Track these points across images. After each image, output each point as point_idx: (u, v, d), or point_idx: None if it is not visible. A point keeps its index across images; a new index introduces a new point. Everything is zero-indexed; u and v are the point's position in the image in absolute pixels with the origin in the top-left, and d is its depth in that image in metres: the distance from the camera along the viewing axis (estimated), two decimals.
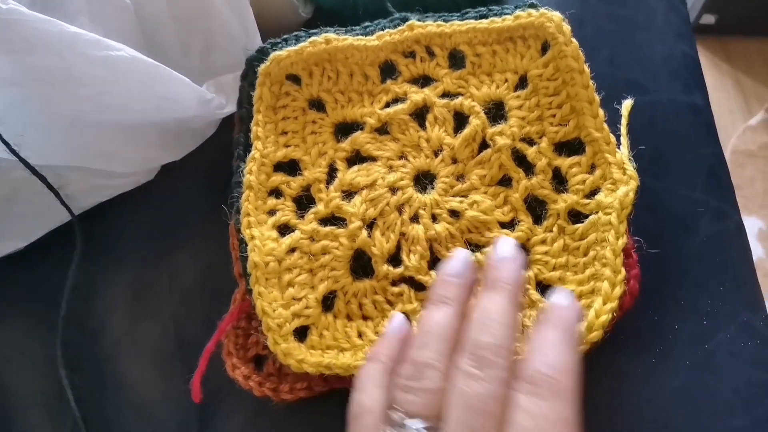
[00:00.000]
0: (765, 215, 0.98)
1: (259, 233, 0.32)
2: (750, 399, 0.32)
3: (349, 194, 0.34)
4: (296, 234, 0.33)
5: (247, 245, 0.32)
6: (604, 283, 0.29)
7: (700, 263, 0.36)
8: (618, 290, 0.28)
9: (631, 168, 0.31)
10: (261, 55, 0.36)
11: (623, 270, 0.29)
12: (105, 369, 0.36)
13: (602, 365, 0.33)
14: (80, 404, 0.35)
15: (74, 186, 0.36)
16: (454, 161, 0.34)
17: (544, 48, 0.35)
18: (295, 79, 0.37)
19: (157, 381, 0.36)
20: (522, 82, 0.35)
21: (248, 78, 0.37)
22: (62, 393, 0.35)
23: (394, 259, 0.32)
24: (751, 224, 0.94)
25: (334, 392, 0.32)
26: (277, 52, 0.36)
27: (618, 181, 0.31)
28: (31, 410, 0.36)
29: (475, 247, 0.32)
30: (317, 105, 0.37)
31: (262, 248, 0.31)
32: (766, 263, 0.95)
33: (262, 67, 0.35)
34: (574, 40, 0.34)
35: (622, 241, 0.29)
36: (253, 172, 0.33)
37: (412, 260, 0.32)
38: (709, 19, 1.23)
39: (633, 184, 0.31)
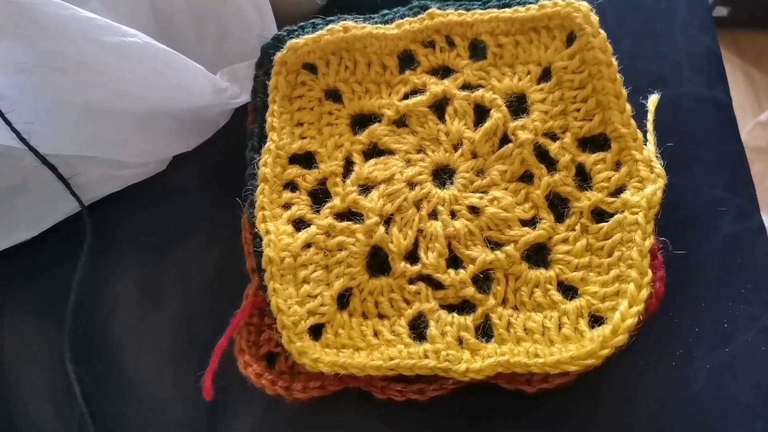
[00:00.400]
0: None
1: (274, 228, 0.31)
2: None
3: (366, 188, 0.33)
4: (312, 229, 0.32)
5: (261, 240, 0.31)
6: (630, 285, 0.28)
7: (722, 264, 0.35)
8: (645, 293, 0.28)
9: (659, 166, 0.30)
10: (277, 43, 0.35)
11: (650, 272, 0.28)
12: (113, 363, 0.36)
13: (622, 366, 0.32)
14: (88, 399, 0.35)
15: (84, 176, 0.35)
16: (474, 156, 0.33)
17: (570, 39, 0.34)
18: (311, 68, 0.36)
19: (167, 376, 0.35)
20: (545, 75, 0.34)
21: (263, 66, 0.36)
22: (69, 387, 0.35)
23: (412, 257, 0.32)
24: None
25: (348, 391, 0.31)
26: (294, 40, 0.35)
27: (645, 179, 0.30)
28: (38, 404, 0.36)
29: (494, 245, 0.31)
30: (333, 95, 0.36)
31: (277, 243, 0.31)
32: None
33: (278, 56, 0.35)
34: (602, 31, 0.33)
35: (649, 241, 0.29)
36: (268, 164, 0.33)
37: (430, 258, 0.31)
38: (721, 11, 1.21)
39: (661, 182, 0.30)
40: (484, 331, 0.30)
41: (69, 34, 0.29)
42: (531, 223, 0.32)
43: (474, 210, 0.32)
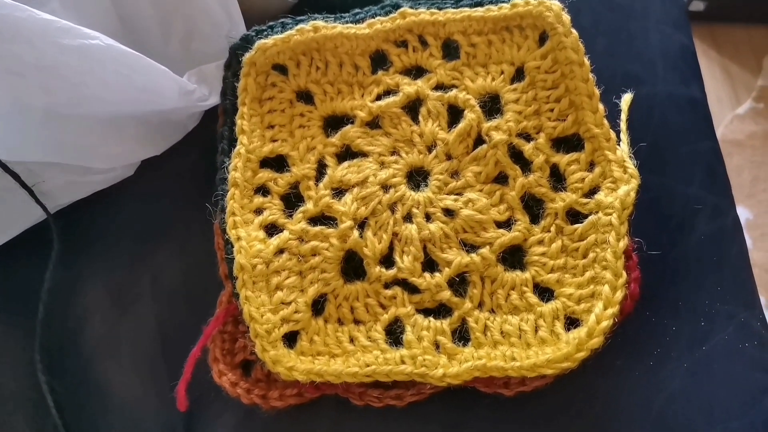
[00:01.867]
0: (752, 205, 0.99)
1: (246, 234, 0.31)
2: (748, 401, 0.32)
3: (339, 192, 0.33)
4: (284, 234, 0.31)
5: (233, 246, 0.30)
6: (605, 287, 0.28)
7: (698, 262, 0.35)
8: (619, 294, 0.28)
9: (632, 166, 0.30)
10: (245, 43, 0.34)
11: (624, 273, 0.28)
12: (86, 373, 0.35)
13: (598, 367, 0.32)
14: (60, 409, 0.34)
15: (49, 183, 0.34)
16: (449, 157, 0.33)
17: (542, 38, 0.34)
18: (281, 69, 0.35)
19: (141, 386, 0.35)
20: (519, 74, 0.34)
21: (232, 67, 0.35)
22: (42, 397, 0.34)
23: (387, 261, 0.31)
24: (739, 214, 0.95)
25: (325, 398, 0.31)
26: (263, 41, 0.34)
27: (618, 179, 0.30)
28: (10, 416, 0.35)
29: (470, 247, 0.31)
30: (305, 97, 0.35)
31: (248, 250, 0.30)
32: (753, 254, 0.95)
33: (246, 57, 0.34)
34: (573, 30, 0.32)
35: (624, 243, 0.28)
36: (238, 168, 0.32)
37: (405, 261, 0.31)
38: (698, 5, 1.22)
39: (634, 183, 0.30)
40: (461, 335, 0.30)
41: (26, 36, 0.28)
42: (506, 224, 0.32)
43: (449, 212, 0.32)
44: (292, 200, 0.33)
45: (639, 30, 0.42)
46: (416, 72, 0.35)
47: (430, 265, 0.31)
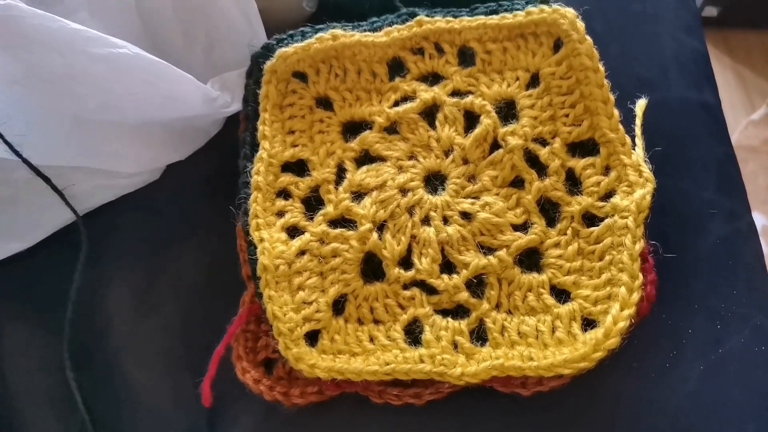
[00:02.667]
0: None
1: (268, 235, 0.31)
2: (764, 404, 0.32)
3: (358, 195, 0.33)
4: (306, 236, 0.32)
5: (255, 248, 0.31)
6: (621, 289, 0.28)
7: (713, 265, 0.35)
8: (636, 296, 0.28)
9: (647, 170, 0.31)
10: (266, 51, 0.35)
11: (641, 275, 0.28)
12: (112, 371, 0.36)
13: (615, 369, 0.32)
14: (88, 406, 0.35)
15: (78, 186, 0.35)
16: (465, 162, 0.34)
17: (557, 45, 0.34)
18: (301, 76, 0.36)
19: (165, 383, 0.35)
20: (534, 81, 0.35)
21: (254, 75, 0.36)
22: (70, 395, 0.35)
23: (405, 262, 0.32)
24: (755, 220, 0.94)
25: (345, 396, 0.32)
26: (284, 49, 0.35)
27: (634, 183, 0.31)
28: (39, 412, 0.36)
29: (487, 250, 0.32)
30: (324, 103, 0.36)
31: (271, 251, 0.31)
32: None
33: (268, 65, 0.35)
34: (588, 37, 0.33)
35: (640, 245, 0.29)
36: (260, 172, 0.33)
37: (423, 263, 0.31)
38: (711, 11, 1.21)
39: (650, 186, 0.30)
40: (479, 336, 0.30)
41: (57, 46, 0.29)
42: (523, 227, 0.32)
43: (466, 215, 0.32)
44: (312, 203, 0.34)
45: (652, 35, 0.43)
46: (433, 79, 0.36)
47: (447, 267, 0.32)
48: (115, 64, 0.31)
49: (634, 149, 0.32)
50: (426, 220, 0.32)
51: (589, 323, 0.29)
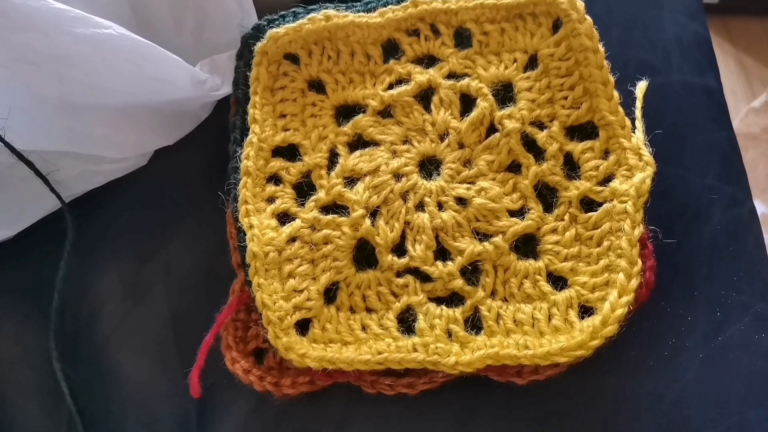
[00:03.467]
0: None
1: (258, 222, 0.31)
2: (763, 393, 0.32)
3: (351, 181, 0.32)
4: (297, 223, 0.31)
5: (245, 234, 0.30)
6: (619, 275, 0.28)
7: (714, 252, 0.34)
8: (634, 282, 0.27)
9: (647, 153, 0.30)
10: (257, 32, 0.34)
11: (639, 261, 0.28)
12: (100, 361, 0.35)
13: (612, 357, 0.32)
14: (75, 397, 0.34)
15: (63, 172, 0.35)
16: (461, 146, 0.33)
17: (556, 26, 0.33)
18: (293, 58, 0.35)
19: (154, 373, 0.35)
20: (532, 63, 0.34)
21: (244, 57, 0.35)
22: (57, 385, 0.34)
23: (399, 249, 0.31)
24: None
25: (338, 386, 0.31)
26: (275, 30, 0.34)
27: (633, 167, 0.30)
28: (25, 403, 0.35)
29: (482, 236, 0.31)
30: (317, 86, 0.35)
31: (261, 238, 0.30)
32: None
33: (258, 46, 0.34)
34: (588, 17, 0.32)
35: (639, 230, 0.28)
36: (250, 157, 0.32)
37: (417, 250, 0.31)
38: None
39: (650, 170, 0.29)
40: (473, 324, 0.30)
41: (40, 26, 0.28)
42: (519, 213, 0.31)
43: (461, 201, 0.32)
44: (304, 189, 0.33)
45: (653, 19, 0.42)
46: (428, 61, 0.35)
47: (442, 253, 0.31)
48: (100, 45, 0.30)
49: (634, 132, 0.31)
50: (420, 206, 0.32)
51: (586, 310, 0.29)
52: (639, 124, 0.31)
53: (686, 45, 0.41)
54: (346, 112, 0.34)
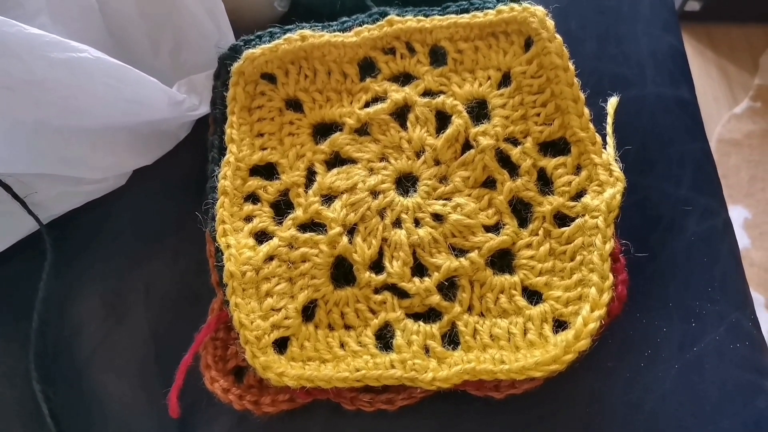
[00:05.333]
0: (750, 204, 0.98)
1: (235, 241, 0.31)
2: (739, 401, 0.32)
3: (328, 198, 0.33)
4: (274, 241, 0.31)
5: (223, 254, 0.31)
6: (591, 290, 0.28)
7: (688, 263, 0.35)
8: (606, 297, 0.28)
9: (617, 169, 0.30)
10: (234, 53, 0.35)
11: (611, 275, 0.28)
12: (81, 381, 0.35)
13: (588, 368, 0.32)
14: (56, 418, 0.34)
15: (41, 194, 0.35)
16: (437, 163, 0.33)
17: (528, 44, 0.34)
18: (270, 78, 0.35)
19: (135, 392, 0.35)
20: (505, 80, 0.34)
21: (221, 77, 0.35)
22: (37, 406, 0.34)
23: (377, 266, 0.31)
24: (737, 213, 0.94)
25: (317, 403, 0.31)
26: (251, 50, 0.34)
27: (604, 182, 0.30)
28: (5, 423, 0.35)
29: (459, 251, 0.31)
30: (294, 105, 0.35)
31: (238, 257, 0.30)
32: (752, 253, 0.95)
33: (235, 66, 0.34)
34: (558, 36, 0.33)
35: (610, 245, 0.29)
36: (227, 176, 0.32)
37: (395, 267, 0.31)
38: (693, 5, 1.22)
39: (620, 186, 0.30)
40: (451, 339, 0.30)
41: (15, 51, 0.28)
42: (495, 228, 0.32)
43: (438, 217, 0.32)
44: (282, 207, 0.33)
45: (628, 33, 0.43)
46: (404, 79, 0.35)
47: (419, 269, 0.31)
48: (76, 69, 0.30)
49: (605, 148, 0.31)
50: (397, 223, 0.32)
51: (560, 324, 0.29)
52: (610, 140, 0.32)
53: (660, 58, 0.42)
54: (323, 130, 0.35)
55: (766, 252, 0.96)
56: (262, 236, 0.32)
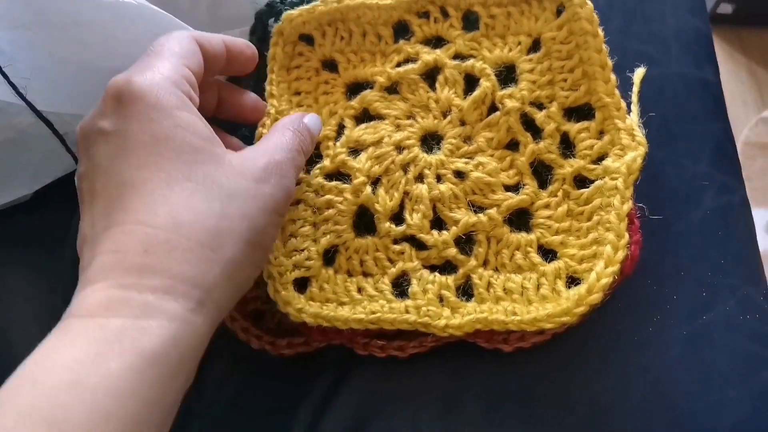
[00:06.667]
0: None
1: None
2: (746, 372, 0.32)
3: (355, 151, 0.34)
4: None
5: None
6: (607, 247, 0.29)
7: (702, 235, 0.35)
8: (621, 254, 0.28)
9: (640, 134, 0.31)
10: (271, 8, 0.36)
11: (627, 234, 0.29)
12: None
13: (599, 332, 0.33)
14: None
15: None
16: (462, 123, 0.34)
17: (559, 11, 0.34)
18: (308, 39, 0.36)
19: None
20: (535, 46, 0.35)
21: (257, 32, 0.36)
22: None
23: (397, 218, 0.32)
24: (761, 216, 0.94)
25: (330, 349, 0.32)
26: (289, 12, 0.35)
27: (626, 147, 0.31)
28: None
29: (478, 208, 0.32)
30: (330, 65, 0.36)
31: None
32: None
33: (275, 27, 0.35)
34: (589, 2, 0.33)
35: (627, 206, 0.29)
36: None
37: (414, 219, 0.32)
38: (726, 8, 1.21)
39: (641, 150, 0.30)
40: (465, 292, 0.31)
41: None
42: (515, 188, 0.33)
43: (459, 174, 0.33)
44: (313, 160, 0.34)
45: (654, 12, 0.43)
46: (436, 42, 0.36)
47: (438, 224, 0.32)
48: (120, 13, 0.32)
49: (629, 114, 0.32)
50: (420, 178, 0.33)
51: (574, 281, 0.30)
52: (634, 107, 0.32)
53: (686, 39, 0.42)
54: (357, 89, 0.36)
55: None
56: None
